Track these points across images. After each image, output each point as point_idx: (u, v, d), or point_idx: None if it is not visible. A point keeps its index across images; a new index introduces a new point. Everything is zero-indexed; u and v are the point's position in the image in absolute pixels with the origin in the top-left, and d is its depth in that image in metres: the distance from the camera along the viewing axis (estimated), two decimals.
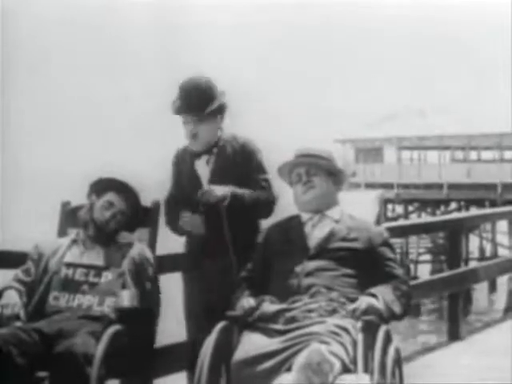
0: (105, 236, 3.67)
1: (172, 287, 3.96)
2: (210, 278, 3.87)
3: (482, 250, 28.92)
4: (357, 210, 3.62)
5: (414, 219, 30.20)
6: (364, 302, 3.20)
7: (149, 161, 3.81)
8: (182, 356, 3.96)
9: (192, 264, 3.99)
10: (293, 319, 3.16)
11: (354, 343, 3.06)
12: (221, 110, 3.90)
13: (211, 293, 3.82)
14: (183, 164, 3.99)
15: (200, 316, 3.83)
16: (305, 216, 3.55)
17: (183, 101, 3.86)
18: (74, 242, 3.70)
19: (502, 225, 26.93)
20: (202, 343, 3.15)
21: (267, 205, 3.91)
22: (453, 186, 31.88)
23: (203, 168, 3.94)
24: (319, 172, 3.54)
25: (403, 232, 8.16)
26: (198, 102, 3.84)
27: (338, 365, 2.94)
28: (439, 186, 32.38)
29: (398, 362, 3.19)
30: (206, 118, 3.86)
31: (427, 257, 28.13)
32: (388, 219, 28.84)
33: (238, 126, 3.95)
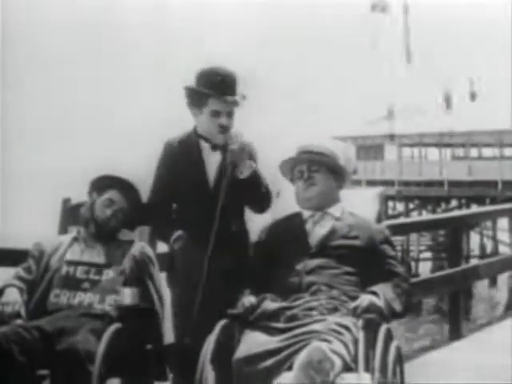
0: (106, 234, 3.67)
1: None
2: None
3: (482, 247, 28.87)
4: (357, 208, 3.61)
5: (414, 217, 30.18)
6: (365, 299, 3.19)
7: (149, 158, 3.78)
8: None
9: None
10: (294, 317, 3.15)
11: (355, 341, 3.06)
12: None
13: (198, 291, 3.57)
14: (187, 158, 3.70)
15: (187, 315, 3.58)
16: (306, 213, 3.54)
17: (223, 83, 3.62)
18: (75, 239, 3.69)
19: (503, 222, 26.90)
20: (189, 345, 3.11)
21: (268, 200, 3.73)
22: (453, 184, 31.85)
23: (216, 162, 3.69)
24: (321, 169, 3.53)
25: (404, 230, 8.17)
26: (235, 87, 3.66)
27: (339, 363, 2.94)
28: (440, 184, 32.35)
29: (399, 360, 3.19)
30: (235, 108, 3.66)
31: (428, 254, 28.09)
32: (389, 217, 28.77)
33: (236, 122, 3.81)
